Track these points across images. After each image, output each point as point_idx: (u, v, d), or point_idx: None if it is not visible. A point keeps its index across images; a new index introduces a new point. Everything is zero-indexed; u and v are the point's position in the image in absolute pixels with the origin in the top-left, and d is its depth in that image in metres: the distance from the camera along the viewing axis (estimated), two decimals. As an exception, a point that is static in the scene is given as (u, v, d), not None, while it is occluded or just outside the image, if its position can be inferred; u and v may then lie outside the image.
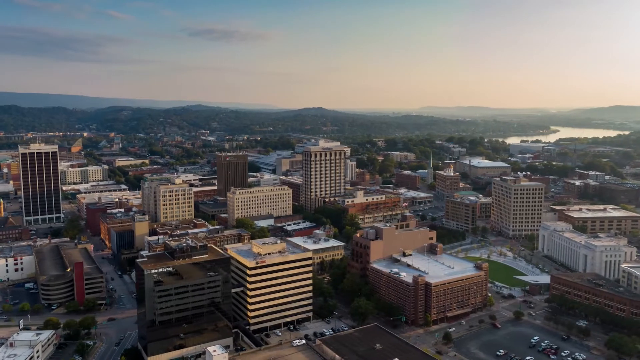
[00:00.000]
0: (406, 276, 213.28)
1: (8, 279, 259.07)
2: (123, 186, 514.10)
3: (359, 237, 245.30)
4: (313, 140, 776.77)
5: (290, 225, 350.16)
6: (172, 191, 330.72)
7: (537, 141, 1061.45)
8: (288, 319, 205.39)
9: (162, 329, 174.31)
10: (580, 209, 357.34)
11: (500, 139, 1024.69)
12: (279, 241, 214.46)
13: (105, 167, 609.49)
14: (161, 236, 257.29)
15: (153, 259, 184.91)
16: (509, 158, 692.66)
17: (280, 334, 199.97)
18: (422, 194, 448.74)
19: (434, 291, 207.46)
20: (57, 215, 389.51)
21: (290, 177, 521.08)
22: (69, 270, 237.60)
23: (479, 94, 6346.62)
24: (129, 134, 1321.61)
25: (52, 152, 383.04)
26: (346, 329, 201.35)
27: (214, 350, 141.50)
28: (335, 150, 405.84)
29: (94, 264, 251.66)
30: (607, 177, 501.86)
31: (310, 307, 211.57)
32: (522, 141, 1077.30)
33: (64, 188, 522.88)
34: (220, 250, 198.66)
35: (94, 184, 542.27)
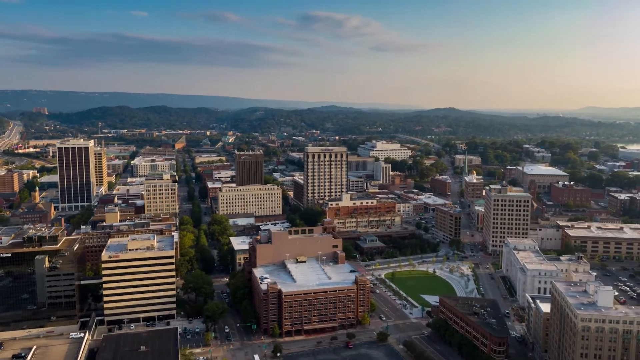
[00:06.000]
0: (266, 283, 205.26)
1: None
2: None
3: (254, 240, 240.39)
4: (374, 142, 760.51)
5: (267, 225, 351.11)
6: (155, 186, 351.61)
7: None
8: (146, 315, 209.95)
9: (5, 312, 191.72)
10: (589, 227, 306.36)
11: (619, 145, 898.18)
12: (151, 238, 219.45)
13: (173, 162, 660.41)
14: (87, 227, 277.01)
15: (10, 245, 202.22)
16: (596, 166, 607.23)
17: (134, 327, 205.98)
18: (439, 201, 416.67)
19: (286, 301, 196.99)
20: (88, 203, 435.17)
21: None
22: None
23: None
24: (248, 132, 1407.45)
25: (84, 147, 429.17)
26: (198, 329, 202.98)
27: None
28: (335, 152, 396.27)
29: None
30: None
31: (174, 305, 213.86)
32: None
33: (128, 179, 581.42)
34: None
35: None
